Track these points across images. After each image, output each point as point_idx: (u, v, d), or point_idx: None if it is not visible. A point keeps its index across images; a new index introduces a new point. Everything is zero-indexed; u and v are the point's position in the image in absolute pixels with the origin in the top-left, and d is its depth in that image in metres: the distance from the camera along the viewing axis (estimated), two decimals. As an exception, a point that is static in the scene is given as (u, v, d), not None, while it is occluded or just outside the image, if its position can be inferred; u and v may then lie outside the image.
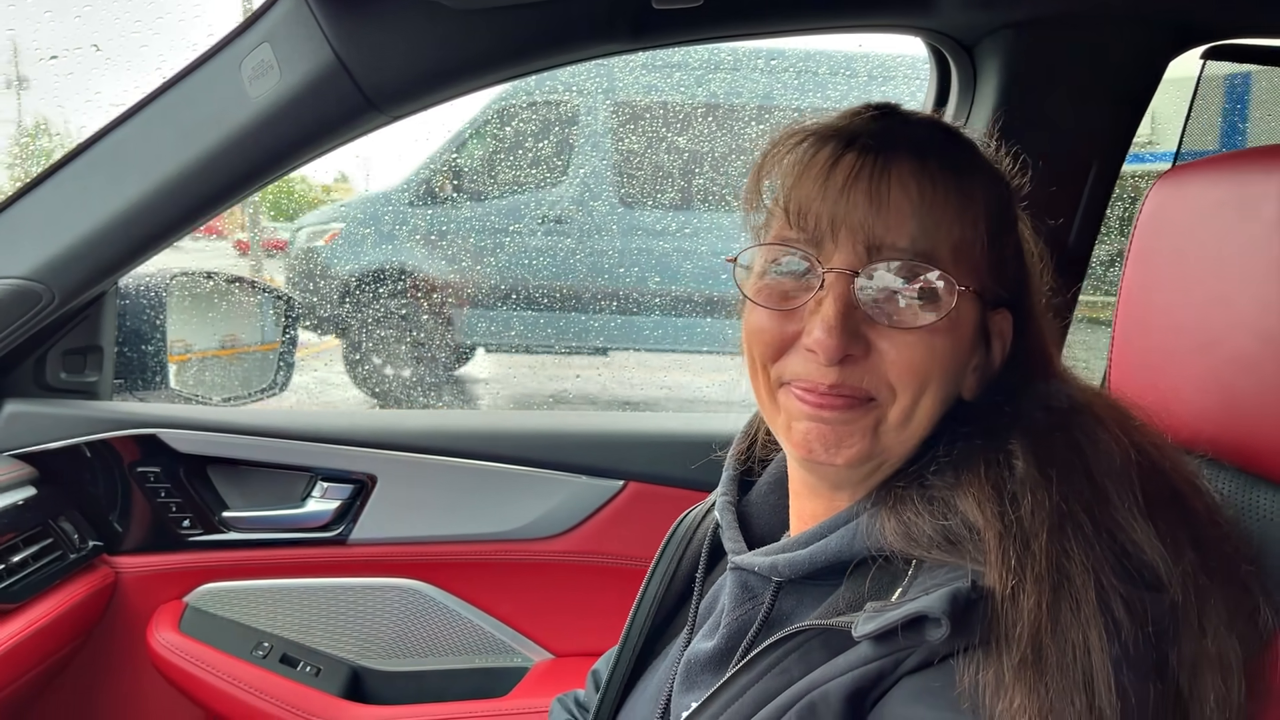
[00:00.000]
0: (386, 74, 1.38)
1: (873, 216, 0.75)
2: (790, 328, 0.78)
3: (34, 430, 1.63)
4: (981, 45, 1.56)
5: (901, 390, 0.76)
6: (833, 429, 0.76)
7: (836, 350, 0.74)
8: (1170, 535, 0.72)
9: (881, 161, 0.76)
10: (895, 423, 0.77)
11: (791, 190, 0.79)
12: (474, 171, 6.17)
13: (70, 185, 1.48)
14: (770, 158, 0.84)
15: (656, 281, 5.83)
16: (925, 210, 0.75)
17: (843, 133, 0.80)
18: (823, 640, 0.74)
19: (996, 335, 0.82)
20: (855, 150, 0.77)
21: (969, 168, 0.80)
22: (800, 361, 0.77)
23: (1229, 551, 0.76)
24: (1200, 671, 0.68)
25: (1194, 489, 0.79)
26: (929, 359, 0.75)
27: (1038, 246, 0.88)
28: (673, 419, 1.98)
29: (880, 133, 0.79)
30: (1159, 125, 3.55)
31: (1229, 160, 0.98)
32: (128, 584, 1.68)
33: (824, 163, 0.78)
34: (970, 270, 0.78)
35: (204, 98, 1.42)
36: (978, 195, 0.79)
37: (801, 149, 0.81)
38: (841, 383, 0.75)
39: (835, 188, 0.76)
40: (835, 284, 0.75)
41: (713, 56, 5.84)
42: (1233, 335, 0.90)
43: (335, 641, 1.73)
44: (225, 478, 1.73)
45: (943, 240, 0.76)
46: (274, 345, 2.08)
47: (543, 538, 1.73)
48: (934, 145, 0.79)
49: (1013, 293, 0.83)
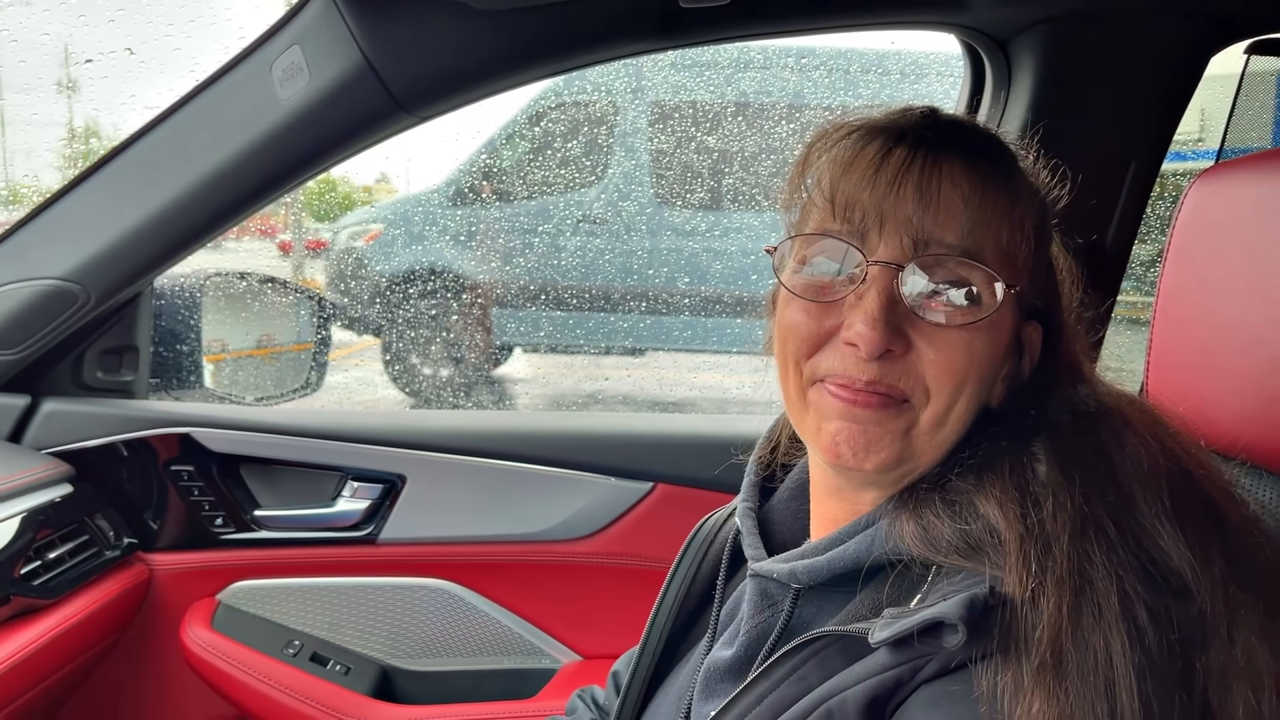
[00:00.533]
0: (414, 75, 1.39)
1: (922, 211, 0.74)
2: (828, 322, 0.77)
3: (71, 429, 1.66)
4: (1016, 41, 1.53)
5: (937, 393, 0.74)
6: (864, 430, 0.75)
7: (879, 344, 0.72)
8: (1199, 542, 0.70)
9: (932, 158, 0.75)
10: (928, 427, 0.75)
11: (839, 182, 0.78)
12: (512, 173, 6.20)
13: (106, 187, 1.51)
14: (815, 149, 0.83)
15: (688, 281, 5.82)
16: (976, 208, 0.74)
17: (892, 129, 0.78)
18: (841, 647, 0.73)
19: (1026, 346, 0.81)
20: (905, 146, 0.76)
21: (1016, 173, 0.80)
22: (837, 357, 0.76)
23: (1264, 562, 0.73)
24: (1229, 682, 0.65)
25: (1228, 497, 0.76)
26: (967, 361, 0.74)
27: (1067, 262, 0.87)
28: (702, 420, 1.97)
29: (930, 130, 0.78)
30: (1208, 122, 3.47)
31: (1269, 158, 0.95)
32: (162, 581, 1.70)
33: (873, 156, 0.77)
34: (1014, 274, 0.76)
35: (235, 100, 1.43)
36: (1024, 200, 0.78)
37: (849, 141, 0.80)
38: (879, 379, 0.74)
39: (884, 181, 0.75)
40: (879, 277, 0.74)
41: (743, 55, 5.81)
42: (1274, 335, 0.88)
43: (365, 640, 1.75)
44: (257, 477, 1.75)
45: (990, 240, 0.75)
46: (307, 345, 2.10)
47: (571, 539, 1.73)
48: (983, 148, 0.78)
49: (1044, 303, 0.82)
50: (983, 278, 0.74)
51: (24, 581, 1.42)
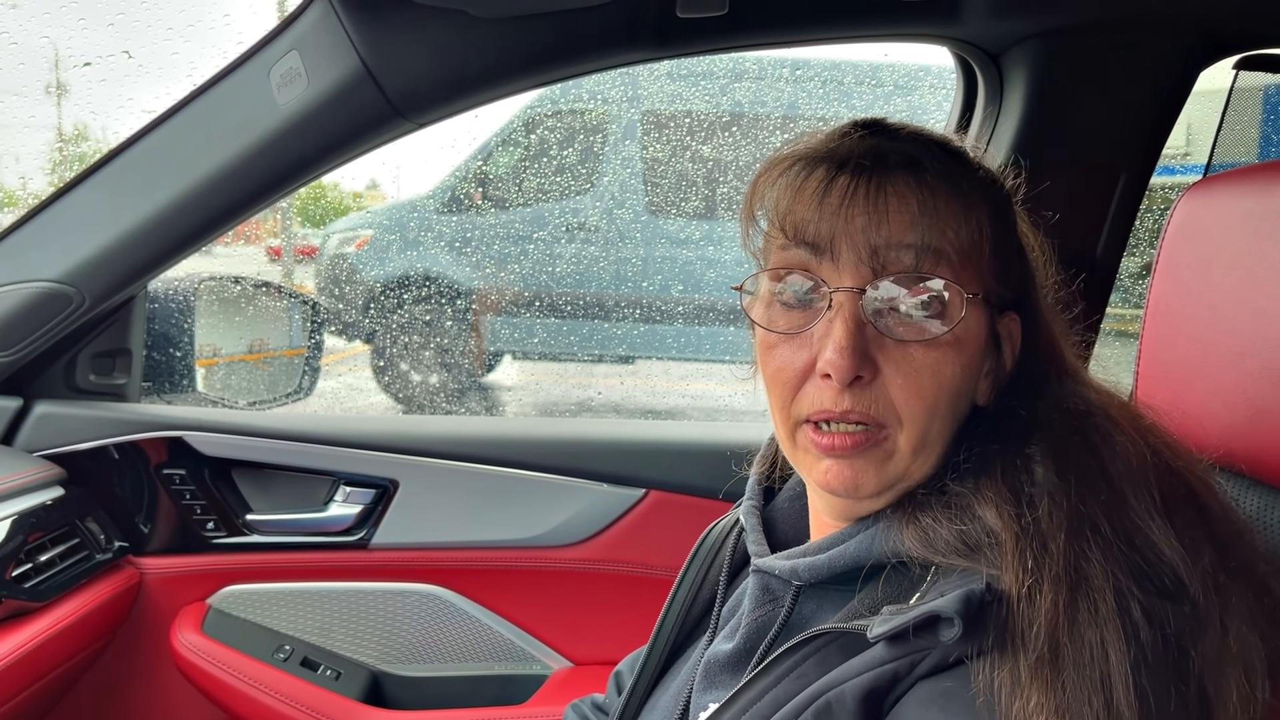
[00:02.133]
0: (412, 81, 1.40)
1: (874, 231, 0.75)
2: (804, 358, 0.78)
3: (63, 431, 1.65)
4: (1009, 55, 1.54)
5: (909, 419, 0.76)
6: (850, 465, 0.77)
7: (849, 370, 0.74)
8: (1188, 534, 0.71)
9: (876, 179, 0.76)
10: (909, 450, 0.77)
11: (787, 214, 0.79)
12: (502, 180, 6.20)
13: (101, 190, 1.51)
14: (761, 183, 0.83)
15: (681, 290, 5.83)
16: (927, 219, 0.75)
17: (833, 155, 0.79)
18: (840, 644, 0.74)
19: (1006, 339, 0.82)
20: (848, 172, 0.77)
21: (965, 174, 0.80)
22: (815, 392, 0.77)
23: (1245, 550, 0.75)
24: (1223, 671, 0.67)
25: (1208, 488, 0.78)
26: (934, 385, 0.75)
27: (1038, 240, 0.87)
28: (694, 428, 1.98)
29: (870, 151, 0.78)
30: (1194, 137, 3.50)
31: (1257, 171, 0.97)
32: (152, 585, 1.70)
33: (817, 185, 0.78)
34: (976, 275, 0.77)
35: (233, 105, 1.44)
36: (977, 200, 0.79)
37: (792, 173, 0.80)
38: (852, 408, 0.75)
39: (831, 208, 0.76)
40: (845, 303, 0.75)
41: (738, 65, 5.84)
42: (1262, 347, 0.89)
43: (356, 646, 1.74)
44: (249, 481, 1.74)
45: (948, 243, 0.76)
46: (300, 350, 2.10)
47: (563, 545, 1.73)
48: (927, 156, 0.78)
49: (1018, 293, 0.83)
50: (944, 288, 0.75)
51: (14, 584, 1.41)
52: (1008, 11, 1.47)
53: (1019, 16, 1.48)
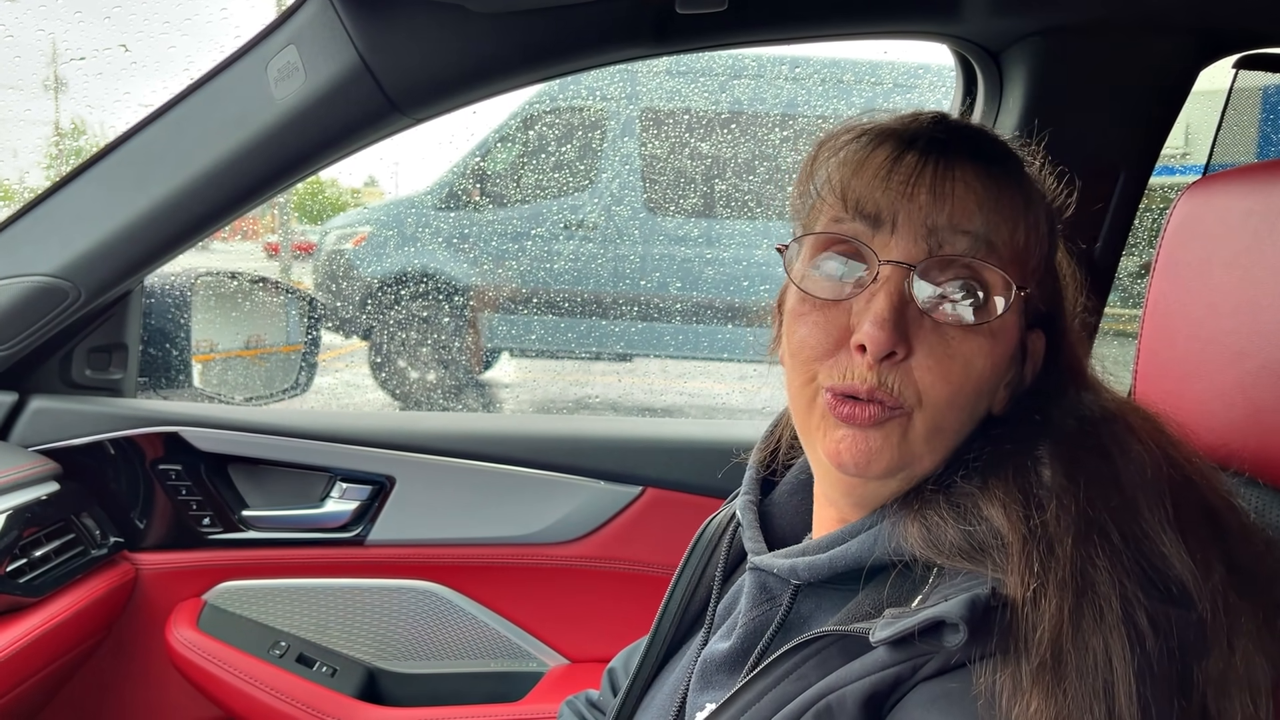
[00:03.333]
0: (410, 77, 1.39)
1: (936, 211, 0.74)
2: (837, 326, 0.76)
3: (58, 426, 1.65)
4: (1009, 52, 1.54)
5: (931, 402, 0.74)
6: (866, 438, 0.75)
7: (886, 344, 0.72)
8: (1200, 550, 0.70)
9: (945, 162, 0.75)
10: (924, 432, 0.75)
11: (849, 181, 0.77)
12: (501, 176, 6.20)
13: (98, 185, 1.50)
14: (824, 150, 0.82)
15: (679, 287, 5.83)
16: (991, 207, 0.74)
17: (902, 133, 0.78)
18: (840, 646, 0.73)
19: (1030, 354, 0.81)
20: (917, 150, 0.76)
21: (1028, 179, 0.80)
22: (843, 365, 0.75)
23: (1264, 570, 0.74)
24: (1228, 690, 0.66)
25: (1228, 506, 0.76)
26: (964, 373, 0.74)
27: (1070, 268, 0.87)
28: (692, 425, 1.98)
29: (941, 135, 0.78)
30: (1193, 137, 3.50)
31: (1256, 170, 0.96)
32: (148, 581, 1.69)
33: (885, 158, 0.76)
34: (1025, 276, 0.77)
35: (230, 99, 1.43)
36: (1037, 205, 0.79)
37: (858, 144, 0.79)
38: (879, 385, 0.73)
39: (897, 183, 0.75)
40: (891, 276, 0.74)
41: (736, 62, 5.84)
42: (1261, 347, 0.89)
43: (351, 642, 1.74)
44: (245, 477, 1.74)
45: (1005, 239, 0.75)
46: (297, 346, 2.10)
47: (560, 542, 1.72)
48: (993, 152, 0.78)
49: (1049, 310, 0.82)
50: (995, 279, 0.74)
51: (9, 579, 1.41)
52: (1008, 9, 1.47)
53: (1019, 14, 1.47)
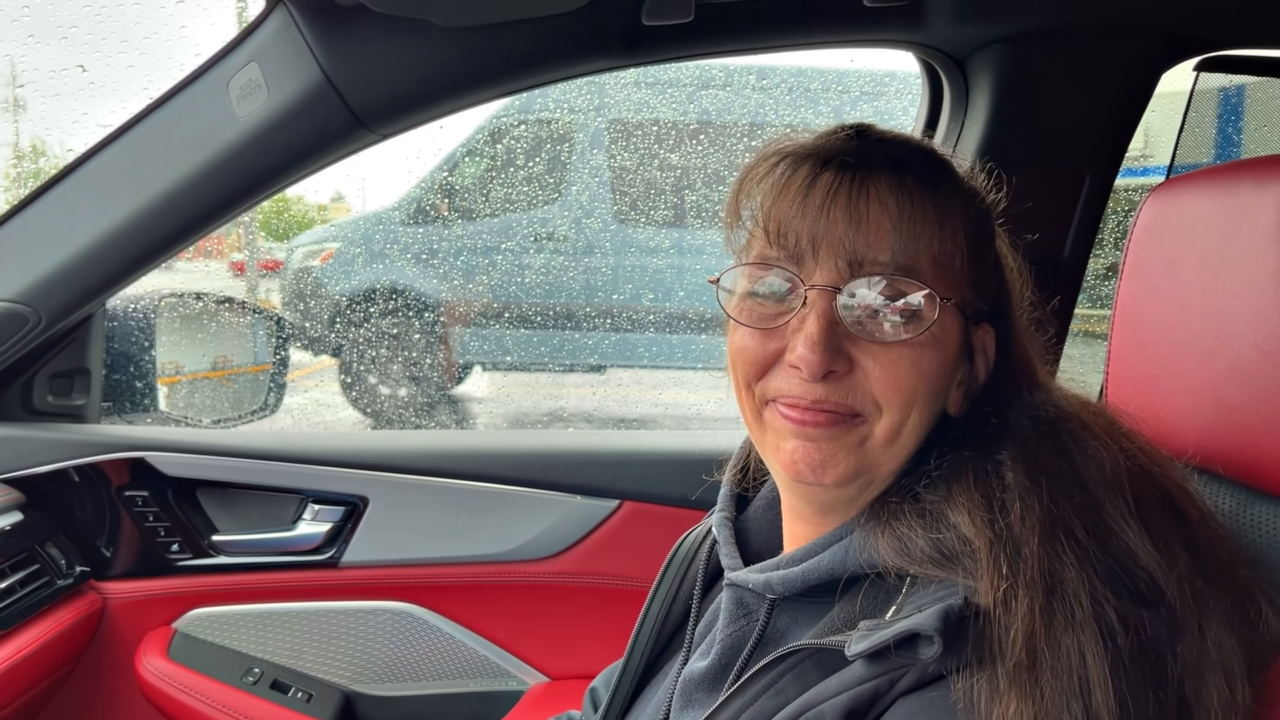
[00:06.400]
0: (375, 92, 1.38)
1: (853, 233, 0.75)
2: (773, 346, 0.78)
3: (20, 455, 1.61)
4: (973, 59, 1.55)
5: (887, 407, 0.76)
6: (818, 447, 0.76)
7: (820, 366, 0.74)
8: (1163, 539, 0.72)
9: (859, 179, 0.77)
10: (882, 439, 0.77)
11: (770, 209, 0.79)
12: (469, 190, 6.17)
13: (57, 207, 1.47)
14: (748, 179, 0.84)
15: (651, 299, 5.83)
16: (905, 225, 0.76)
17: (819, 152, 0.80)
18: (817, 660, 0.73)
19: (980, 351, 0.82)
20: (833, 169, 0.78)
21: (945, 184, 0.81)
22: (784, 378, 0.77)
23: (1224, 555, 0.76)
24: (1202, 676, 0.67)
25: (1184, 494, 0.78)
26: (914, 375, 0.76)
27: (1016, 262, 0.88)
28: (668, 437, 1.97)
29: (856, 151, 0.79)
30: (1152, 139, 3.56)
31: (1223, 172, 0.97)
32: (115, 610, 1.65)
33: (801, 182, 0.78)
34: (951, 284, 0.78)
35: (191, 118, 1.41)
36: (955, 210, 0.79)
37: (779, 169, 0.81)
38: (825, 399, 0.75)
39: (814, 206, 0.77)
40: (817, 301, 0.75)
41: (704, 73, 5.86)
42: (1230, 346, 0.89)
43: (327, 666, 1.71)
44: (215, 501, 1.71)
45: (923, 253, 0.76)
46: (265, 366, 2.07)
47: (537, 559, 1.71)
48: (911, 162, 0.79)
49: (994, 308, 0.83)
50: (918, 294, 0.75)
51: (-29, 613, 1.37)
52: (972, 16, 1.48)
53: (983, 21, 1.48)
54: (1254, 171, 0.89)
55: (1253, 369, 0.85)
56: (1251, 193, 0.88)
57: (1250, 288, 0.85)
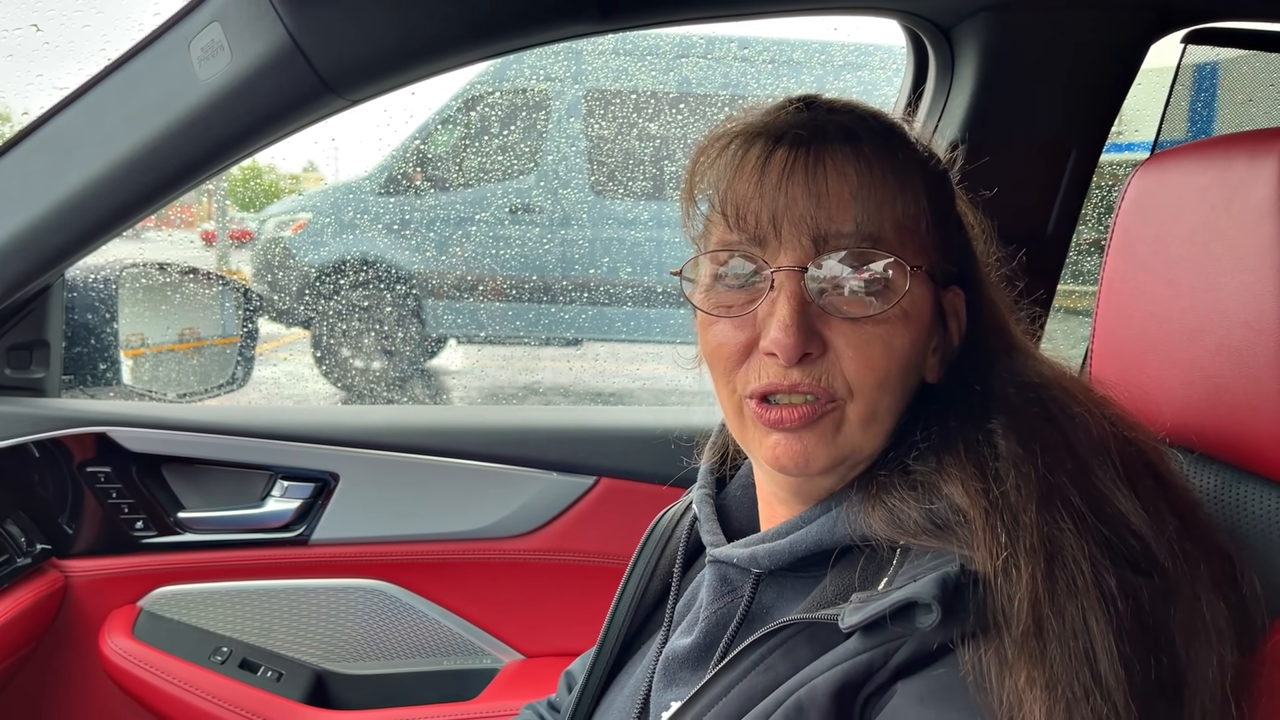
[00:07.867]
0: (344, 56, 1.33)
1: (814, 207, 0.74)
2: (745, 335, 0.76)
3: (-23, 430, 1.56)
4: (959, 28, 1.52)
5: (859, 390, 0.74)
6: (800, 439, 0.75)
7: (795, 349, 0.72)
8: (1151, 504, 0.72)
9: (814, 152, 0.75)
10: (857, 422, 0.75)
11: (726, 192, 0.77)
12: (442, 160, 6.08)
13: (11, 174, 1.41)
14: (699, 163, 0.82)
15: (628, 271, 5.79)
16: (866, 193, 0.74)
17: (770, 129, 0.78)
18: (808, 635, 0.72)
19: (951, 314, 0.82)
20: (786, 144, 0.76)
21: (902, 148, 0.79)
22: (760, 367, 0.76)
23: (1204, 519, 0.76)
24: (1196, 637, 0.67)
25: (1162, 458, 0.79)
26: (886, 356, 0.74)
27: (978, 219, 0.87)
28: (645, 413, 1.95)
29: (808, 124, 0.77)
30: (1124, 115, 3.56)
31: (1214, 146, 0.95)
32: (78, 589, 1.62)
33: (755, 160, 0.76)
34: (918, 250, 0.77)
35: (151, 80, 1.35)
36: (915, 173, 0.78)
37: (731, 150, 0.79)
38: (801, 382, 0.74)
39: (771, 184, 0.75)
40: (786, 282, 0.74)
41: (684, 41, 5.79)
42: (1220, 323, 0.88)
43: (298, 645, 1.68)
44: (181, 477, 1.67)
45: (887, 220, 0.75)
46: (233, 339, 2.02)
47: (512, 536, 1.69)
48: (864, 130, 0.77)
49: (961, 267, 0.82)
50: (886, 263, 0.74)
51: (-75, 594, 1.34)
52: (958, -17, 1.45)
53: (970, -12, 1.45)
54: (1248, 145, 0.87)
55: (1242, 346, 0.83)
56: (1245, 167, 0.86)
57: (1241, 263, 0.84)
